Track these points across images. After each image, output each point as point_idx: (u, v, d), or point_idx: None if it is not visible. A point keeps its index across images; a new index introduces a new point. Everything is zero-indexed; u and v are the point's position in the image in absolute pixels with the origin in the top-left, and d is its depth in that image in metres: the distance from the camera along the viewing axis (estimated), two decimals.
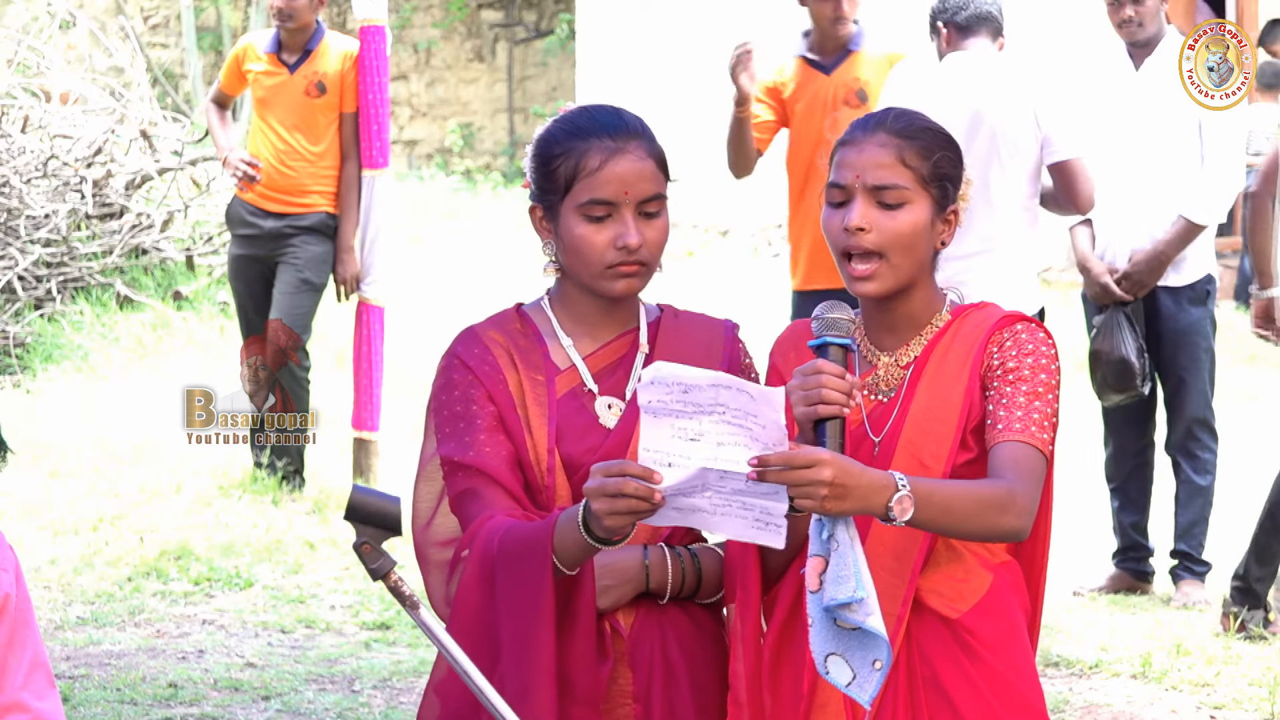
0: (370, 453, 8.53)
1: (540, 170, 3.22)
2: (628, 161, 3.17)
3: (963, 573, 3.14)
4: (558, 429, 3.17)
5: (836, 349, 3.04)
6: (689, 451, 2.87)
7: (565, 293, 3.26)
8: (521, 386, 3.18)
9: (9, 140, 11.51)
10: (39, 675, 3.21)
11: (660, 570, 3.18)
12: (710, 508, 2.90)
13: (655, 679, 3.17)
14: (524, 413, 3.17)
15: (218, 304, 11.25)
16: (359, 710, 6.05)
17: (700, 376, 2.85)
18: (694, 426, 2.87)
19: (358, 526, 2.93)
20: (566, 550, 3.01)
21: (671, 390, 2.85)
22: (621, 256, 3.16)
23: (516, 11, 18.33)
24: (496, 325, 3.26)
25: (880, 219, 3.15)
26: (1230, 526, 7.72)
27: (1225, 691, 6.18)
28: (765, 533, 2.90)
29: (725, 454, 2.86)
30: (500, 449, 3.15)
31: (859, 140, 3.19)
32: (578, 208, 3.17)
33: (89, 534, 7.85)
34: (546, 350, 3.23)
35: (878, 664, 2.96)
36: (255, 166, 8.47)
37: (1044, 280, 13.07)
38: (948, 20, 6.91)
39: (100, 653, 6.57)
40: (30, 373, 10.40)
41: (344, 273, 8.51)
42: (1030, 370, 3.12)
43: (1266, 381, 11.20)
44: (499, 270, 12.75)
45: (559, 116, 3.27)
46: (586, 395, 3.21)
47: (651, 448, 2.88)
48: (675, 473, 2.87)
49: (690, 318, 3.33)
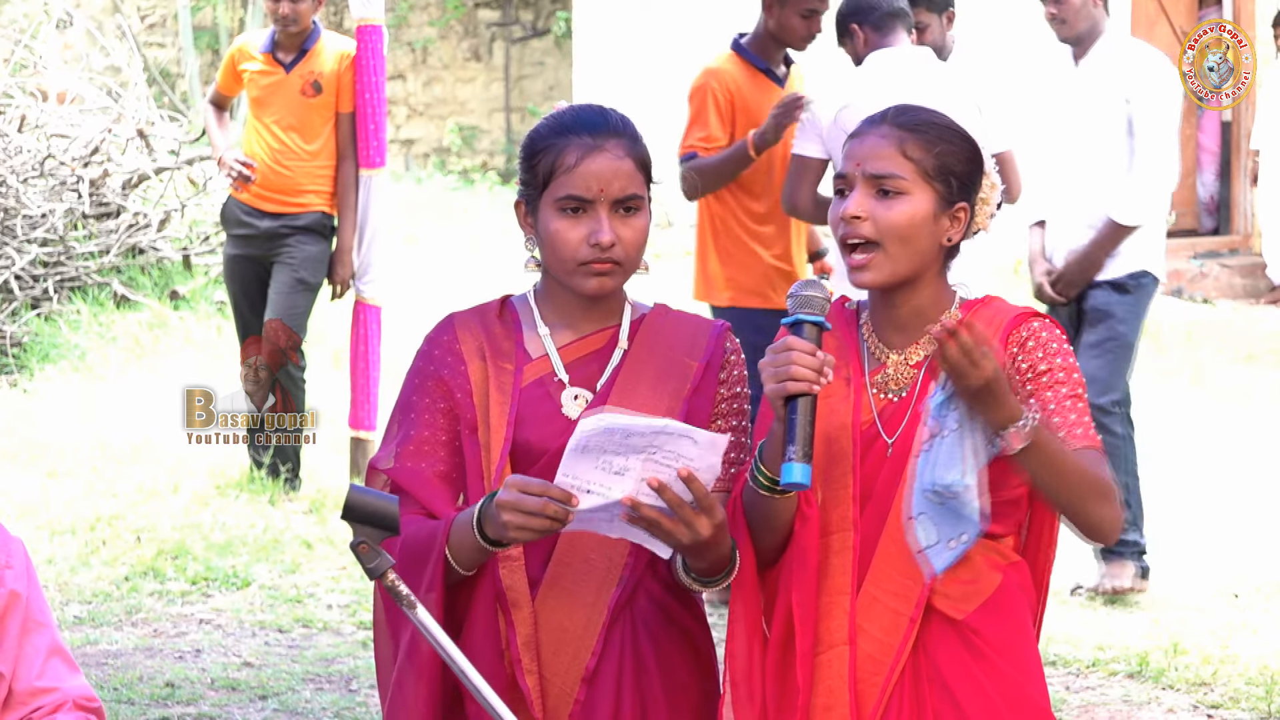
0: (367, 452, 8.51)
1: (524, 165, 3.27)
2: (605, 159, 3.18)
3: (971, 574, 3.13)
4: (518, 415, 3.19)
5: (810, 327, 3.05)
6: (610, 484, 2.94)
7: (547, 286, 3.30)
8: (485, 373, 3.22)
9: (5, 140, 11.50)
10: (56, 661, 3.26)
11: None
12: (608, 529, 3.03)
13: (626, 670, 3.18)
14: (482, 400, 3.20)
15: (215, 304, 11.24)
16: (356, 710, 6.04)
17: (645, 424, 2.91)
18: (620, 462, 2.94)
19: (355, 526, 2.93)
20: (462, 551, 3.09)
21: (614, 435, 2.91)
22: (594, 254, 3.18)
23: (513, 10, 18.32)
24: (476, 312, 3.31)
25: (876, 208, 3.15)
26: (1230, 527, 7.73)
27: (1222, 690, 6.18)
28: (654, 544, 3.04)
29: (645, 489, 2.95)
30: (423, 460, 3.21)
31: (865, 133, 3.20)
32: (554, 202, 3.20)
33: (86, 533, 7.85)
34: (521, 339, 3.26)
35: (956, 541, 3.01)
36: (250, 166, 8.47)
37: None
38: (862, 21, 6.92)
39: (97, 652, 6.57)
40: (27, 372, 10.39)
41: (342, 274, 8.51)
42: (1064, 371, 3.13)
43: (1265, 381, 11.20)
44: (496, 269, 12.74)
45: (549, 114, 3.31)
46: (555, 384, 3.22)
47: (571, 474, 2.95)
48: (591, 499, 2.95)
49: (679, 317, 3.33)
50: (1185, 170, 14.48)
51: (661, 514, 2.96)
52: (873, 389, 3.19)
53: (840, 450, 3.15)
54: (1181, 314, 12.68)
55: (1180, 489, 8.36)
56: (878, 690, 3.11)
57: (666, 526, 2.98)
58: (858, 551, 3.12)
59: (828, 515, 3.14)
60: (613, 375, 3.23)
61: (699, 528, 2.98)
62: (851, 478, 3.14)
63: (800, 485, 3.00)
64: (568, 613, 3.17)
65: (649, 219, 3.24)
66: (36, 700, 3.22)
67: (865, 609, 3.12)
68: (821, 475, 3.14)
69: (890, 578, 3.10)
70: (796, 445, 2.99)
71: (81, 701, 3.24)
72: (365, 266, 8.49)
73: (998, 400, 2.97)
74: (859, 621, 3.12)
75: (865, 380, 3.20)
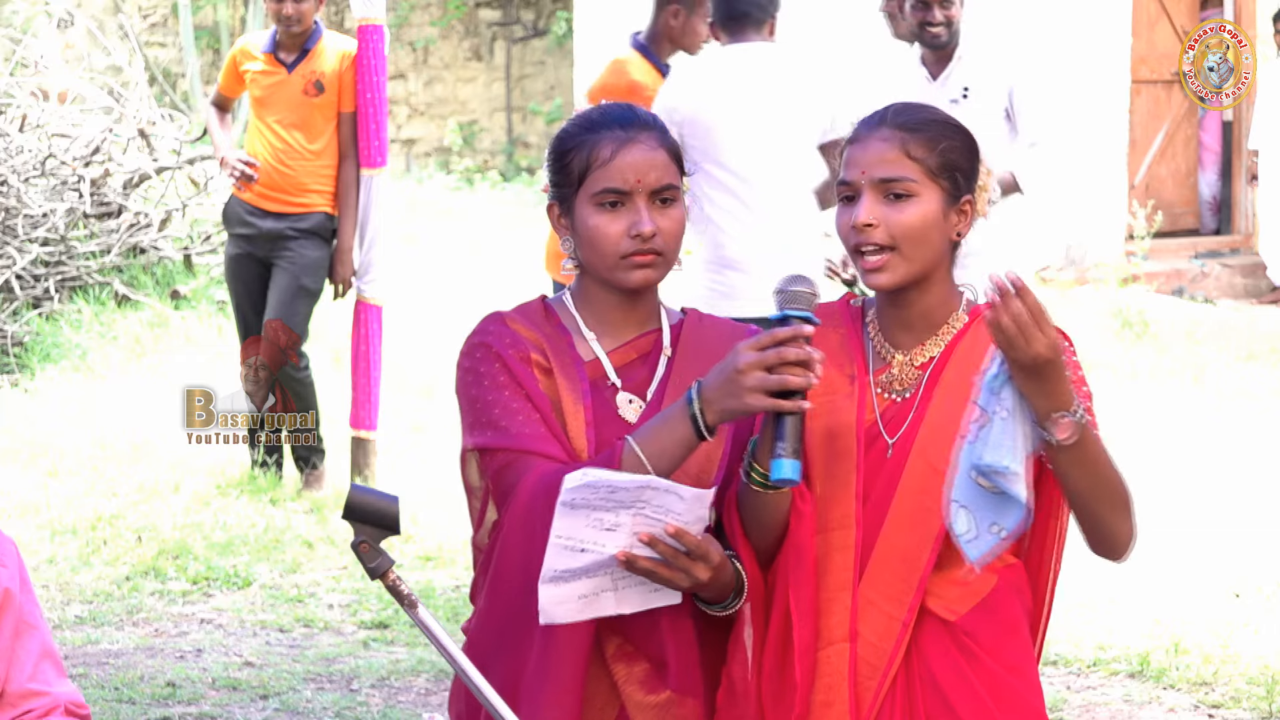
0: (368, 452, 8.52)
1: (555, 165, 3.24)
2: (639, 151, 3.17)
3: (965, 575, 3.12)
4: (595, 419, 3.16)
5: (799, 324, 3.02)
6: (604, 540, 2.94)
7: (586, 289, 3.26)
8: (554, 379, 3.18)
9: (7, 139, 11.50)
10: (47, 664, 3.24)
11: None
12: (612, 585, 3.00)
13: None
14: (554, 396, 3.16)
15: (216, 303, 11.25)
16: (357, 709, 6.04)
17: (629, 480, 2.91)
18: (611, 518, 2.94)
19: (356, 525, 2.93)
20: (659, 446, 3.04)
21: (599, 490, 2.91)
22: (636, 245, 3.15)
23: (514, 10, 18.33)
24: (524, 316, 3.25)
25: (888, 213, 3.13)
26: (1230, 527, 7.72)
27: (1223, 690, 6.18)
28: (660, 595, 3.04)
29: (638, 544, 2.96)
30: (536, 426, 3.13)
31: (863, 137, 3.18)
32: (591, 198, 3.17)
33: (87, 533, 7.85)
34: (572, 342, 3.23)
35: (996, 528, 2.98)
36: (253, 166, 8.47)
37: (1042, 279, 13.08)
38: (712, 21, 7.08)
39: (98, 652, 6.57)
40: (28, 372, 10.40)
41: (343, 273, 8.51)
42: (1076, 381, 3.08)
43: (1265, 381, 11.19)
44: (497, 269, 12.75)
45: (573, 117, 3.29)
46: (609, 389, 3.20)
47: (565, 535, 2.94)
48: (585, 557, 2.95)
49: (714, 322, 3.32)
50: (1187, 170, 14.49)
51: (657, 564, 2.98)
52: (877, 388, 3.19)
53: (844, 447, 3.14)
54: (1182, 313, 12.67)
55: (1180, 489, 8.35)
56: (871, 693, 3.11)
57: (664, 575, 2.99)
58: (860, 549, 3.12)
59: (829, 512, 3.13)
60: (662, 383, 3.21)
61: (696, 573, 3.00)
62: (855, 475, 3.13)
63: (790, 481, 3.01)
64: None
65: (684, 210, 3.23)
66: (27, 703, 3.20)
67: (859, 612, 3.11)
68: (823, 472, 3.14)
69: (885, 580, 3.10)
70: (786, 441, 2.99)
71: (71, 707, 3.23)
72: (366, 266, 8.49)
73: (1051, 382, 2.92)
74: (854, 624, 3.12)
75: (870, 379, 3.19)
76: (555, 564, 2.94)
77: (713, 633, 3.18)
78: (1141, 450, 7.32)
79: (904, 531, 3.10)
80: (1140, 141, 14.02)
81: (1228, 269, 14.01)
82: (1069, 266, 13.37)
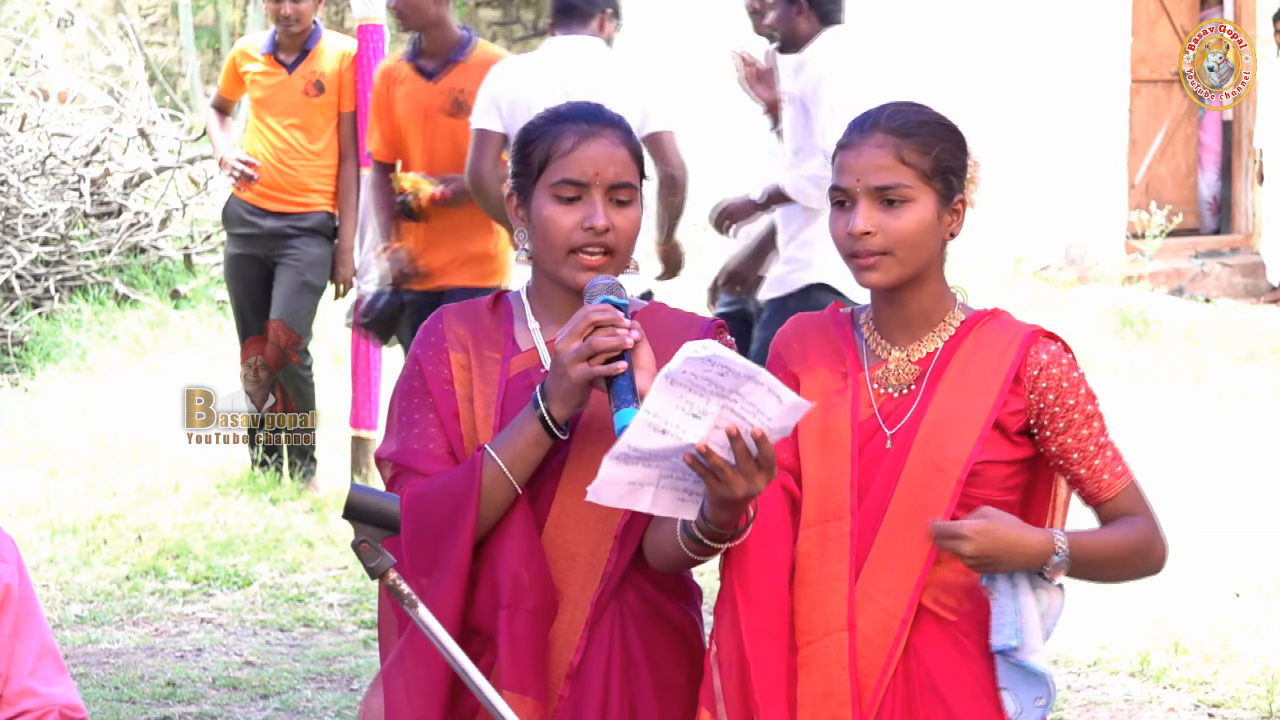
0: (368, 451, 8.52)
1: (517, 155, 3.26)
2: (601, 145, 3.20)
3: (963, 575, 3.13)
4: (503, 404, 3.20)
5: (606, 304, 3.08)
6: (686, 426, 2.89)
7: (538, 281, 3.29)
8: (468, 362, 3.23)
9: (7, 139, 11.51)
10: (47, 662, 3.23)
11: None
12: (655, 479, 2.96)
13: (614, 666, 3.17)
14: (464, 388, 3.21)
15: (216, 303, 11.25)
16: (357, 708, 6.04)
17: (742, 365, 2.87)
18: (700, 404, 2.89)
19: (356, 525, 2.93)
20: (515, 452, 3.11)
21: (714, 365, 2.87)
22: (588, 238, 3.17)
23: (514, 10, 18.33)
24: (468, 305, 3.32)
25: (884, 220, 3.13)
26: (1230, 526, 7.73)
27: (1223, 689, 6.18)
28: (684, 506, 3.00)
29: (717, 437, 2.90)
30: (427, 441, 3.21)
31: (856, 142, 3.16)
32: (549, 188, 3.20)
33: (87, 533, 7.85)
34: (511, 330, 3.26)
35: (1040, 701, 3.12)
36: (253, 165, 8.47)
37: (1043, 279, 13.07)
38: (553, 14, 7.25)
39: (99, 651, 6.57)
40: (28, 371, 10.40)
41: (344, 273, 8.52)
42: (1079, 409, 3.15)
43: (1265, 381, 11.20)
44: None
45: (544, 109, 3.32)
46: (541, 375, 3.19)
47: (654, 411, 2.89)
48: (665, 439, 2.89)
49: (671, 313, 3.32)
50: (1187, 169, 14.49)
51: (726, 464, 2.92)
52: (873, 384, 3.19)
53: (838, 439, 3.15)
54: (1182, 313, 12.67)
55: (1180, 488, 8.35)
56: (870, 691, 3.10)
57: (728, 476, 2.92)
58: (855, 539, 3.12)
59: (825, 503, 3.13)
60: None
61: (757, 483, 2.94)
62: (849, 466, 3.13)
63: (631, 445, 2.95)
64: None
65: (641, 214, 3.24)
66: (24, 703, 3.19)
67: (857, 606, 3.11)
68: (819, 464, 3.14)
69: (884, 576, 3.10)
70: (621, 395, 3.01)
71: (67, 712, 3.22)
72: (366, 265, 8.49)
73: (1023, 551, 3.06)
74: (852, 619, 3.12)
75: (865, 375, 3.19)
76: (633, 440, 2.89)
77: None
78: (1141, 450, 7.31)
79: (904, 529, 3.10)
80: (1140, 141, 14.02)
81: (1228, 269, 14.01)
82: (1069, 266, 13.37)
